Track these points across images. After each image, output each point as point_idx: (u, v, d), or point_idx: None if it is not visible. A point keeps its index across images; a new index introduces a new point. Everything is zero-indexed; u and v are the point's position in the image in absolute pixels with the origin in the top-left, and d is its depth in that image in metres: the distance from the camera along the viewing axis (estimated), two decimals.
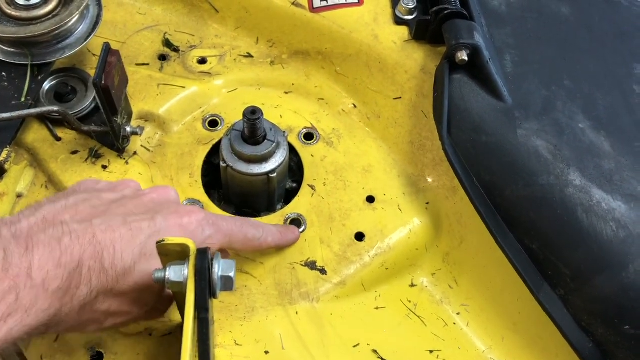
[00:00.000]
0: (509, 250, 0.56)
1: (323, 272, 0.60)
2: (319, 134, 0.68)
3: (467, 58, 0.59)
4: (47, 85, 0.65)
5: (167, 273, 0.40)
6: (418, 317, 0.61)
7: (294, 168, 0.68)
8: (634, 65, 0.65)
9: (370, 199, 0.65)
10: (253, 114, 0.57)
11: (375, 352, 0.57)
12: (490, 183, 0.58)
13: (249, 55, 0.74)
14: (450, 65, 0.61)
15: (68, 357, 0.53)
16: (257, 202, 0.65)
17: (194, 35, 0.75)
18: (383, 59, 0.68)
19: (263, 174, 0.60)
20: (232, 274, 0.40)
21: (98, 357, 0.53)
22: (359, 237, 0.62)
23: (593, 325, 0.54)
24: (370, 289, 0.61)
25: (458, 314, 0.61)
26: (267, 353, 0.54)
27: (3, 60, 0.64)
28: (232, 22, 0.75)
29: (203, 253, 0.39)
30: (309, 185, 0.65)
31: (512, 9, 0.68)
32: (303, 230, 0.62)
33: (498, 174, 0.58)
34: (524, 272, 0.56)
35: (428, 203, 0.65)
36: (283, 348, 0.55)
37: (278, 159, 0.61)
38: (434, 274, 0.63)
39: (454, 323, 0.61)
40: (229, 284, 0.41)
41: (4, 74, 0.63)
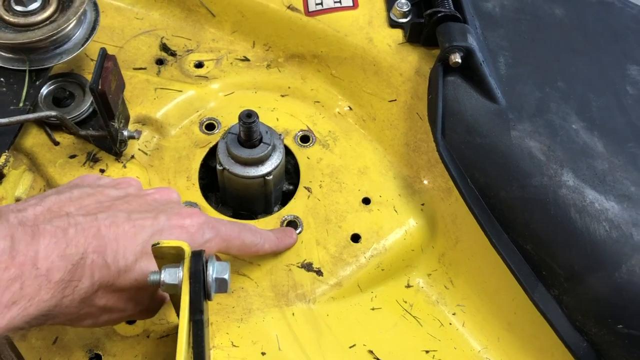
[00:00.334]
0: (504, 251, 0.57)
1: (319, 273, 0.60)
2: (315, 137, 0.69)
3: (460, 60, 0.60)
4: (45, 90, 0.66)
5: (162, 275, 0.40)
6: (414, 317, 0.61)
7: (291, 170, 0.68)
8: (627, 67, 0.66)
9: (366, 201, 0.65)
10: (249, 117, 0.57)
11: (371, 352, 0.57)
12: (485, 184, 0.59)
13: (246, 59, 0.75)
14: (444, 68, 0.62)
15: (67, 359, 0.54)
16: (254, 204, 0.65)
17: (191, 40, 0.76)
18: (378, 62, 0.69)
19: (259, 177, 0.61)
20: (226, 277, 0.41)
21: (96, 359, 0.54)
22: (355, 238, 0.63)
23: (587, 325, 0.55)
24: (366, 290, 0.61)
25: (454, 314, 0.62)
26: (263, 354, 0.55)
27: (1, 66, 0.64)
28: (228, 26, 0.76)
29: (197, 256, 0.40)
30: (305, 188, 0.65)
31: (505, 12, 0.69)
32: (299, 232, 0.62)
33: (492, 175, 0.58)
34: (519, 272, 0.56)
35: (423, 204, 0.65)
36: (280, 349, 0.55)
37: (274, 162, 0.61)
38: (430, 275, 0.64)
39: (450, 323, 0.61)
40: (224, 286, 0.41)
41: (2, 80, 0.64)
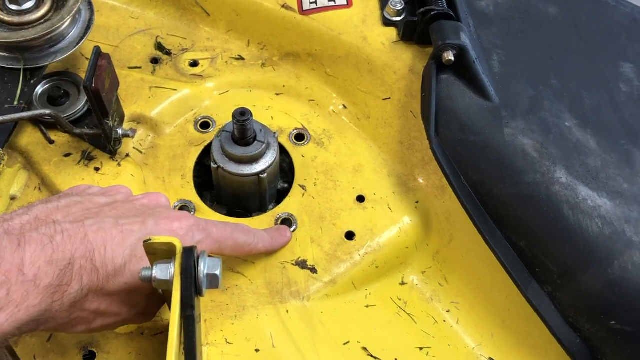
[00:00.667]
0: (497, 248, 0.57)
1: (313, 271, 0.60)
2: (310, 135, 0.69)
3: (453, 58, 0.60)
4: (40, 89, 0.66)
5: (153, 271, 0.40)
6: (408, 314, 0.61)
7: (285, 169, 0.68)
8: (620, 64, 0.66)
9: (361, 199, 0.65)
10: (242, 115, 0.57)
11: (365, 349, 0.58)
12: (478, 182, 0.59)
13: (240, 58, 0.75)
14: (438, 66, 0.62)
15: (61, 356, 0.54)
16: (248, 202, 0.65)
17: (186, 39, 0.76)
18: (372, 60, 0.69)
19: (254, 175, 0.61)
20: (217, 272, 0.41)
21: (90, 356, 0.54)
22: (350, 236, 0.63)
23: (580, 321, 0.55)
24: (361, 288, 0.62)
25: (448, 312, 0.62)
26: (257, 351, 0.55)
27: None
28: (223, 25, 0.76)
29: (189, 252, 0.40)
30: (300, 186, 0.65)
31: (499, 10, 0.69)
32: (294, 230, 0.62)
33: (485, 173, 0.58)
34: (512, 269, 0.56)
35: (417, 202, 0.65)
36: (274, 346, 0.55)
37: (268, 160, 0.61)
38: (424, 272, 0.64)
39: (444, 320, 0.62)
40: (215, 282, 0.41)
41: None
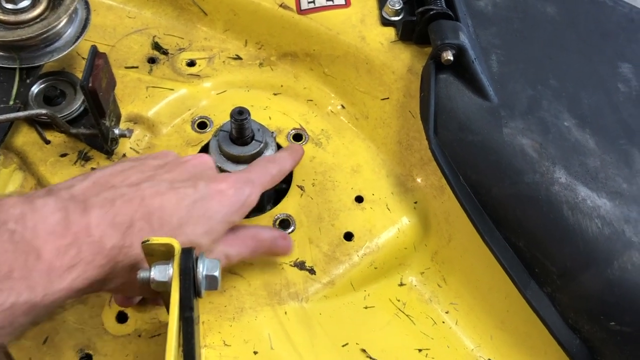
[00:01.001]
0: (496, 249, 0.57)
1: (312, 272, 0.60)
2: (308, 135, 0.69)
3: (452, 58, 0.60)
4: (36, 89, 0.66)
5: (151, 273, 0.40)
6: (407, 316, 0.61)
7: None
8: (619, 64, 0.66)
9: (359, 199, 0.65)
10: (240, 115, 0.57)
11: (364, 351, 0.57)
12: (477, 182, 0.58)
13: (238, 58, 0.74)
14: (436, 66, 0.62)
15: (57, 359, 0.53)
16: None
17: (183, 38, 0.75)
18: (370, 60, 0.69)
19: None
20: (216, 273, 0.41)
21: (87, 359, 0.53)
22: (348, 236, 0.62)
23: (579, 322, 0.55)
24: (359, 289, 0.61)
25: (447, 313, 0.62)
26: (255, 353, 0.54)
27: None
28: (220, 24, 0.76)
29: (187, 253, 0.39)
30: (298, 186, 0.65)
31: (498, 9, 0.69)
32: (292, 231, 0.62)
33: (484, 173, 0.58)
34: (511, 270, 0.56)
35: (416, 202, 0.65)
36: (272, 348, 0.55)
37: None
38: (423, 273, 0.64)
39: (443, 322, 0.61)
40: (214, 283, 0.41)
41: None
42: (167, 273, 0.40)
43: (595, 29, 0.69)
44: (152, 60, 0.73)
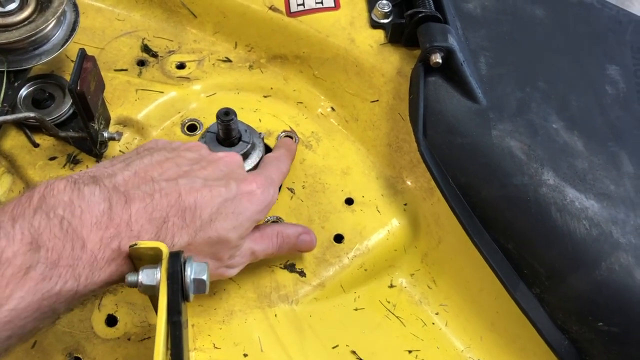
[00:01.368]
0: (485, 250, 0.57)
1: (302, 274, 0.60)
2: (298, 137, 0.69)
3: (441, 61, 0.60)
4: (24, 92, 0.65)
5: (139, 276, 0.40)
6: (397, 317, 0.61)
7: None
8: (607, 66, 0.66)
9: (349, 201, 0.65)
10: (226, 115, 0.57)
11: (354, 353, 0.57)
12: (466, 184, 0.59)
13: (228, 60, 0.74)
14: (425, 68, 0.62)
15: None
16: None
17: (173, 41, 0.75)
18: (360, 63, 0.69)
19: None
20: (204, 277, 0.41)
21: None
22: (338, 239, 0.62)
23: (568, 323, 0.55)
24: (349, 291, 0.61)
25: (437, 314, 0.62)
26: (245, 356, 0.54)
27: None
28: (210, 27, 0.76)
29: (175, 256, 0.39)
30: (288, 188, 0.65)
31: (486, 12, 0.69)
32: None
33: (473, 175, 0.58)
34: (500, 271, 0.56)
35: (406, 204, 0.65)
36: (262, 351, 0.55)
37: (254, 160, 0.61)
38: (413, 275, 0.64)
39: (433, 323, 0.61)
40: (202, 287, 0.41)
41: None
42: (155, 277, 0.40)
43: (584, 32, 0.70)
44: (141, 63, 0.73)
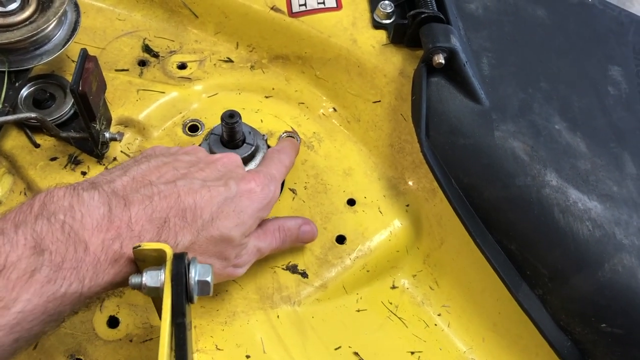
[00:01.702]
0: (488, 251, 0.57)
1: (304, 275, 0.60)
2: (300, 138, 0.69)
3: (444, 61, 0.60)
4: (25, 92, 0.65)
5: (143, 278, 0.40)
6: (399, 318, 0.61)
7: None
8: (609, 67, 0.66)
9: (351, 202, 0.65)
10: (231, 118, 0.57)
11: (357, 354, 0.57)
12: (469, 185, 0.59)
13: (229, 60, 0.74)
14: (428, 69, 0.62)
15: None
16: None
17: (174, 41, 0.75)
18: (362, 63, 0.69)
19: None
20: (208, 279, 0.41)
21: None
22: (340, 240, 0.62)
23: (571, 324, 0.55)
24: (352, 292, 0.61)
25: (439, 315, 0.62)
26: (248, 357, 0.54)
27: None
28: (211, 27, 0.75)
29: (179, 258, 0.39)
30: (290, 189, 0.65)
31: (488, 13, 0.69)
32: None
33: (476, 176, 0.58)
34: (503, 272, 0.56)
35: (408, 205, 0.65)
36: (264, 352, 0.55)
37: (257, 162, 0.61)
38: (415, 276, 0.64)
39: (435, 324, 0.61)
40: (206, 289, 0.41)
41: None
42: (159, 279, 0.40)
43: (585, 32, 0.70)
44: (142, 63, 0.73)
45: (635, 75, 0.67)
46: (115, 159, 0.64)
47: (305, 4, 0.71)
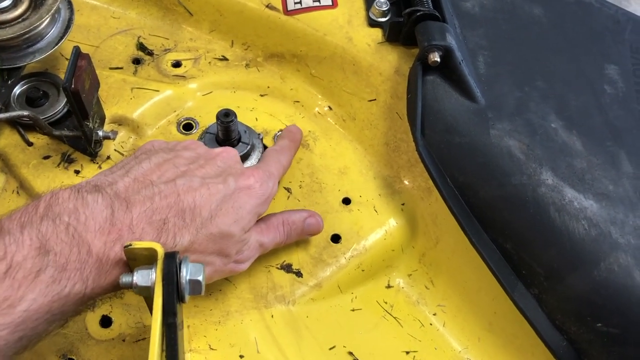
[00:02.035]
0: (483, 250, 0.57)
1: (299, 274, 0.59)
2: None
3: (439, 59, 0.60)
4: (18, 90, 0.65)
5: (134, 277, 0.39)
6: (394, 318, 0.61)
7: None
8: (605, 66, 0.66)
9: (346, 201, 0.64)
10: (226, 117, 0.57)
11: (351, 354, 0.57)
12: (464, 184, 0.58)
13: (224, 58, 0.74)
14: (423, 67, 0.61)
15: None
16: None
17: (169, 39, 0.75)
18: (357, 61, 0.68)
19: None
20: (200, 278, 0.40)
21: None
22: (335, 238, 0.62)
23: (566, 324, 0.54)
24: (346, 291, 0.61)
25: (434, 315, 0.62)
26: (242, 357, 0.54)
27: None
28: (206, 25, 0.75)
29: (170, 257, 0.39)
30: (285, 188, 0.65)
31: (485, 11, 0.68)
32: None
33: (471, 175, 0.58)
34: (498, 271, 0.56)
35: (404, 204, 0.65)
36: (258, 352, 0.54)
37: (253, 161, 0.61)
38: (410, 275, 0.63)
39: (430, 324, 0.61)
40: (198, 288, 0.40)
41: None
42: (149, 278, 0.39)
43: (582, 31, 0.69)
44: (137, 61, 0.72)
45: (632, 74, 0.67)
46: (109, 158, 0.64)
47: (301, 2, 0.71)
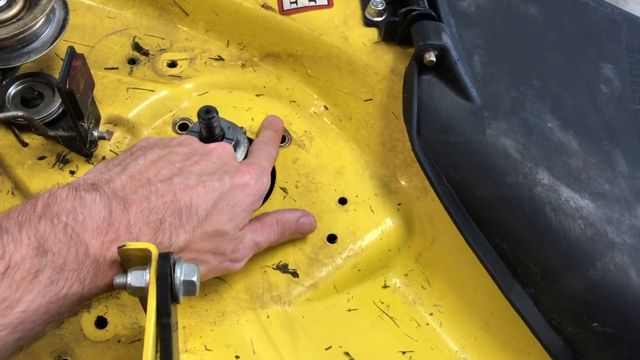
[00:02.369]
0: (480, 250, 0.56)
1: (295, 275, 0.59)
2: (291, 137, 0.68)
3: (435, 59, 0.59)
4: (12, 90, 0.64)
5: (128, 278, 0.39)
6: (391, 318, 0.60)
7: None
8: (601, 65, 0.66)
9: (343, 201, 0.64)
10: (207, 114, 0.57)
11: (348, 354, 0.57)
12: (460, 183, 0.58)
13: (220, 58, 0.74)
14: (419, 67, 0.61)
15: None
16: None
17: (164, 39, 0.74)
18: (353, 61, 0.68)
19: None
20: (194, 279, 0.40)
21: None
22: (331, 239, 0.62)
23: (563, 324, 0.54)
24: (343, 291, 0.61)
25: (431, 315, 0.61)
26: (237, 358, 0.54)
27: None
28: (202, 25, 0.75)
29: (164, 258, 0.39)
30: (281, 188, 0.65)
31: (481, 10, 0.68)
32: None
33: (467, 174, 0.58)
34: (495, 271, 0.56)
35: (400, 204, 0.65)
36: (254, 352, 0.54)
37: (239, 157, 0.61)
38: (407, 275, 0.63)
39: (427, 324, 0.61)
40: (192, 289, 0.40)
41: None
42: (144, 279, 0.39)
43: (578, 30, 0.69)
44: (132, 61, 0.72)
45: (628, 73, 0.67)
46: (104, 158, 0.64)
47: (296, 2, 0.71)
